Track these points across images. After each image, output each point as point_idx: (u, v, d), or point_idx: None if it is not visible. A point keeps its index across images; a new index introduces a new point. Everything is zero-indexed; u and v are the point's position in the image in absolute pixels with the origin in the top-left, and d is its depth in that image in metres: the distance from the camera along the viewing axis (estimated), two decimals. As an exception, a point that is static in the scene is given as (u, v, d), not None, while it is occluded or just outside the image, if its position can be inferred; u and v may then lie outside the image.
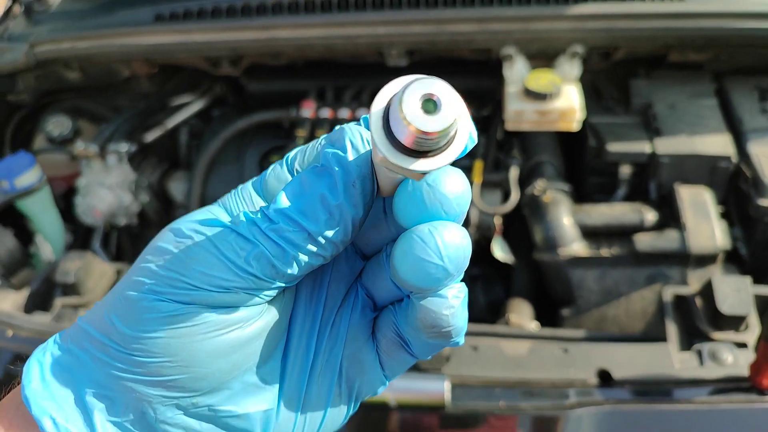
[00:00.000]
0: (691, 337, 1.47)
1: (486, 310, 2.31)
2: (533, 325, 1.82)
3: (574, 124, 1.86)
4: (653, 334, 1.62)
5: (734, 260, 1.92)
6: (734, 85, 2.09)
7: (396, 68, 2.14)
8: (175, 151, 2.54)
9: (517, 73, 1.91)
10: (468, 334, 1.63)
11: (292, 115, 2.20)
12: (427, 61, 2.17)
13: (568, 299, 1.98)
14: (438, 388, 1.19)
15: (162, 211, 2.49)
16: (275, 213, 0.43)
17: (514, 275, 2.21)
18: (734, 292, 1.41)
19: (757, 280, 1.61)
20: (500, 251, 1.95)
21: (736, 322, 1.42)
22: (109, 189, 2.31)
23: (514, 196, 1.97)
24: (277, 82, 2.45)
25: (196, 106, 2.51)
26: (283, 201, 0.43)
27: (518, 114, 1.85)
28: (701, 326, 1.45)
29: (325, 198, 0.42)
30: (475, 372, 1.31)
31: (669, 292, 1.56)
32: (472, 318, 2.21)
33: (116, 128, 2.36)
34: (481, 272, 2.37)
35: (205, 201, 2.29)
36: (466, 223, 2.15)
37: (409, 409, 1.20)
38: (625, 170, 2.04)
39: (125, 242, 2.53)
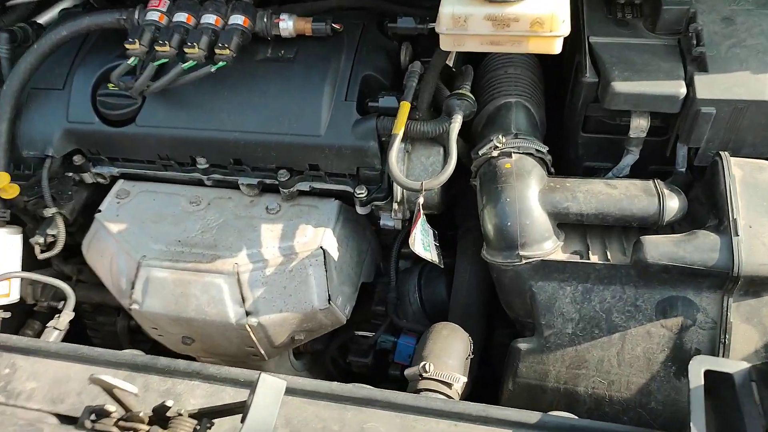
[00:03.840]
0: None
1: (420, 315, 1.61)
2: (458, 386, 1.11)
3: (555, 43, 1.07)
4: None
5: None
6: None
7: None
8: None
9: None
10: (358, 402, 0.96)
11: (134, 18, 1.43)
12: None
13: (531, 324, 1.27)
14: None
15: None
16: None
17: (456, 272, 1.49)
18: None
19: None
20: (421, 246, 1.21)
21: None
22: None
23: (452, 162, 1.22)
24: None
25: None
26: None
27: (458, 21, 1.07)
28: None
29: None
30: None
31: (698, 367, 0.83)
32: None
33: None
34: (417, 264, 1.65)
35: (15, 141, 1.56)
36: (391, 197, 1.42)
37: None
38: (640, 124, 1.26)
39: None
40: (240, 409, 0.93)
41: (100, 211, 1.55)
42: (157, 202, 1.55)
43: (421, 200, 1.20)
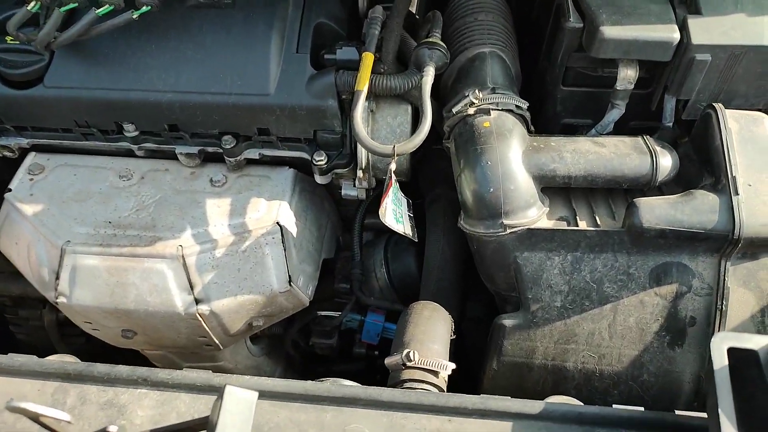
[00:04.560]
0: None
1: (388, 292, 1.49)
2: (445, 373, 1.00)
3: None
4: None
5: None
6: None
7: None
8: None
9: None
10: (337, 401, 0.84)
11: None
12: None
13: (515, 298, 1.16)
14: None
15: None
16: None
17: (428, 244, 1.37)
18: None
19: None
20: (393, 218, 1.07)
21: None
22: None
23: (427, 121, 1.07)
24: None
25: None
26: None
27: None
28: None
29: None
30: None
31: (720, 344, 0.75)
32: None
33: None
34: (382, 236, 1.52)
35: None
36: (354, 163, 1.26)
37: None
38: (628, 74, 1.15)
39: None
40: (201, 426, 0.78)
41: (10, 190, 1.32)
42: (79, 177, 1.33)
43: (393, 166, 1.05)
